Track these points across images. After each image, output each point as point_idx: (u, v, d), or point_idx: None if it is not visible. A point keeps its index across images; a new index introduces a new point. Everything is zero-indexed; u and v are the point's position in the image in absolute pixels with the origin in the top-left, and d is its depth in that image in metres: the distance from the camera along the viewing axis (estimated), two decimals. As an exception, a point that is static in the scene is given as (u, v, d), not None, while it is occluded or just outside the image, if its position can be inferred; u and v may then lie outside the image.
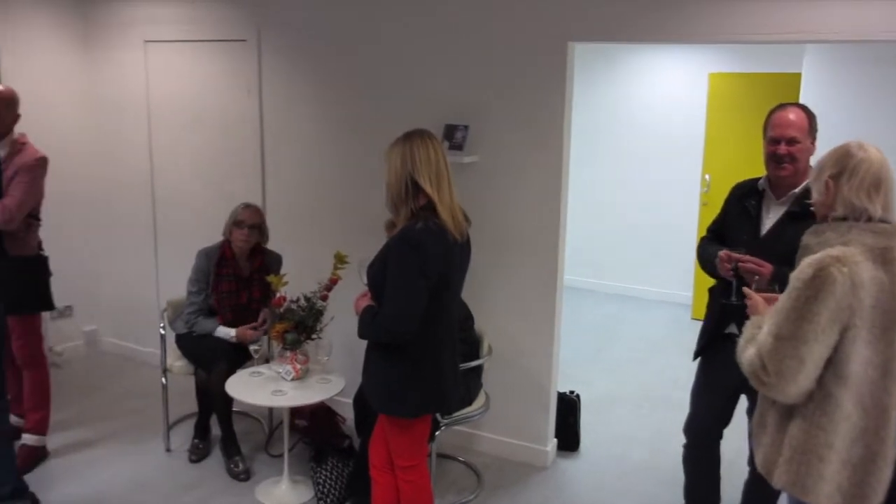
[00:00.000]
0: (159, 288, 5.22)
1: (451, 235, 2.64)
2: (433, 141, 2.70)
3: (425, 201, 2.65)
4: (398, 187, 2.67)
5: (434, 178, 2.64)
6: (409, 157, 2.64)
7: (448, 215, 2.64)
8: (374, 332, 2.73)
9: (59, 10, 5.12)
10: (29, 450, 3.88)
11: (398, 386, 2.75)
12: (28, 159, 3.65)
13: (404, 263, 2.60)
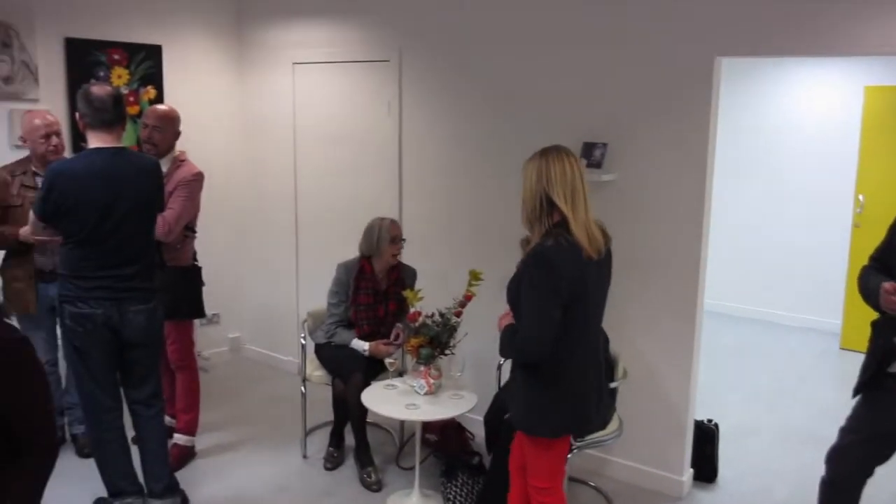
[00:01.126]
0: (299, 299, 5.44)
1: (586, 252, 2.59)
2: (569, 157, 2.67)
3: (560, 218, 2.61)
4: (532, 203, 2.65)
5: (569, 194, 2.60)
6: (544, 173, 2.63)
7: (582, 232, 2.59)
8: (511, 350, 2.73)
9: (218, 34, 5.47)
10: (180, 449, 4.11)
11: (539, 405, 2.73)
12: (186, 175, 3.90)
13: (536, 282, 2.58)
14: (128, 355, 3.36)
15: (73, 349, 3.26)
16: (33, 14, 4.56)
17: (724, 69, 3.69)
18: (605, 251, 2.72)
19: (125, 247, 3.20)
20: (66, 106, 4.73)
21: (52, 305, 3.86)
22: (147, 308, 3.30)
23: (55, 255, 3.74)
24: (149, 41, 5.09)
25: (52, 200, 3.08)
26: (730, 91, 6.42)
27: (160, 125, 3.90)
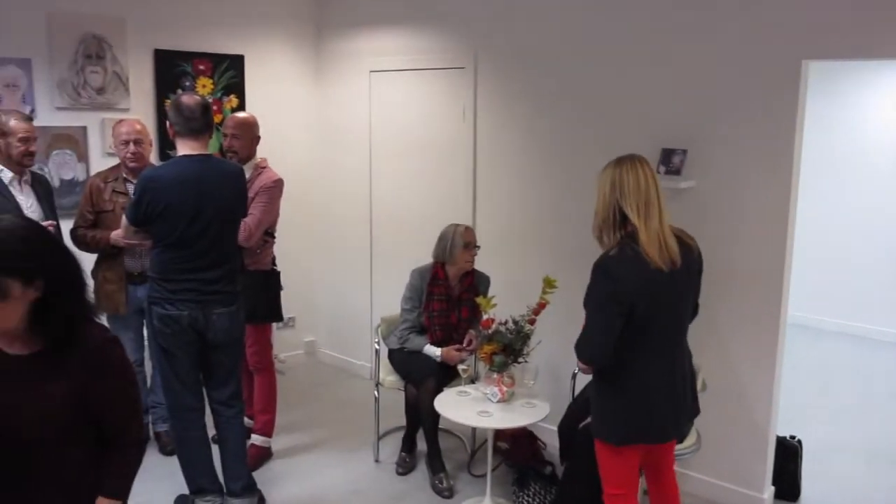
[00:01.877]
0: (373, 304, 5.50)
1: (654, 263, 2.56)
2: (644, 166, 2.64)
3: (632, 228, 2.59)
4: (605, 214, 2.65)
5: (642, 205, 2.58)
6: (617, 184, 2.61)
7: (654, 243, 2.57)
8: (577, 353, 2.78)
9: (298, 44, 5.60)
10: (257, 450, 4.21)
11: (607, 412, 2.76)
12: (267, 181, 4.00)
13: (595, 290, 2.63)
14: (211, 356, 3.46)
15: (159, 349, 3.38)
16: (125, 27, 4.76)
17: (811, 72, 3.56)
18: (684, 261, 2.67)
19: (211, 251, 3.31)
20: (154, 114, 4.92)
21: (141, 307, 4.00)
22: (230, 311, 3.40)
23: (144, 258, 3.90)
24: (232, 51, 5.25)
25: (144, 205, 3.21)
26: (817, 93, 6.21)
27: (238, 132, 4.01)
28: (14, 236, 1.77)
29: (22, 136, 3.62)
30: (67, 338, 1.88)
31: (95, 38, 4.65)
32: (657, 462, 2.97)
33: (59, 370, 1.87)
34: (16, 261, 1.75)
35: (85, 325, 1.93)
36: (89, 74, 4.66)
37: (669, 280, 2.63)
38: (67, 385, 1.87)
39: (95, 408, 1.93)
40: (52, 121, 4.53)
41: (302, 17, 5.60)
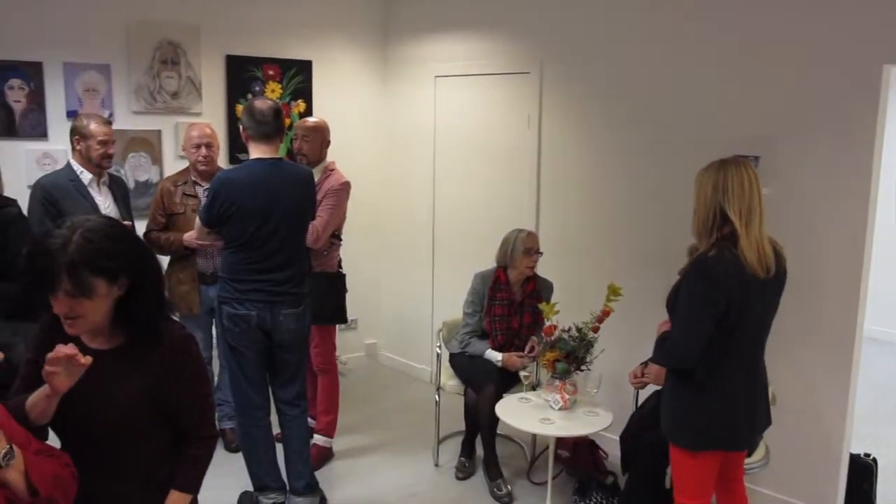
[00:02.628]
0: (434, 308, 5.52)
1: (751, 269, 2.51)
2: (749, 170, 2.58)
3: (730, 231, 2.54)
4: (705, 214, 2.59)
5: (745, 209, 2.53)
6: (720, 185, 2.56)
7: (753, 248, 2.52)
8: (660, 356, 2.75)
9: (365, 49, 5.67)
10: (319, 449, 4.26)
11: (684, 415, 2.71)
12: (334, 184, 4.05)
13: (691, 291, 2.57)
14: (277, 356, 3.53)
15: (228, 347, 3.46)
16: (199, 34, 4.90)
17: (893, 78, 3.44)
18: (777, 271, 2.63)
19: (280, 252, 3.37)
20: (225, 119, 5.05)
21: (212, 307, 4.11)
22: (297, 312, 3.46)
23: (216, 258, 4.00)
24: (301, 57, 5.35)
25: (217, 207, 3.29)
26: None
27: (309, 136, 4.08)
28: (101, 236, 1.83)
29: (101, 140, 3.75)
30: (147, 335, 1.94)
31: (171, 44, 4.80)
32: (729, 473, 2.90)
33: (138, 366, 1.94)
34: (103, 261, 1.81)
35: (164, 323, 1.99)
36: (165, 79, 4.81)
37: (762, 287, 2.60)
38: (145, 380, 1.94)
39: (170, 403, 1.99)
40: (128, 124, 4.69)
41: (369, 22, 5.67)
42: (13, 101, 4.38)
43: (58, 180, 3.72)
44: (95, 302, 1.83)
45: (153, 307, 1.95)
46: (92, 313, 1.85)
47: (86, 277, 1.78)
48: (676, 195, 3.91)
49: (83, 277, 1.78)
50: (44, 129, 4.48)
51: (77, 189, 3.71)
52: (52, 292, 1.79)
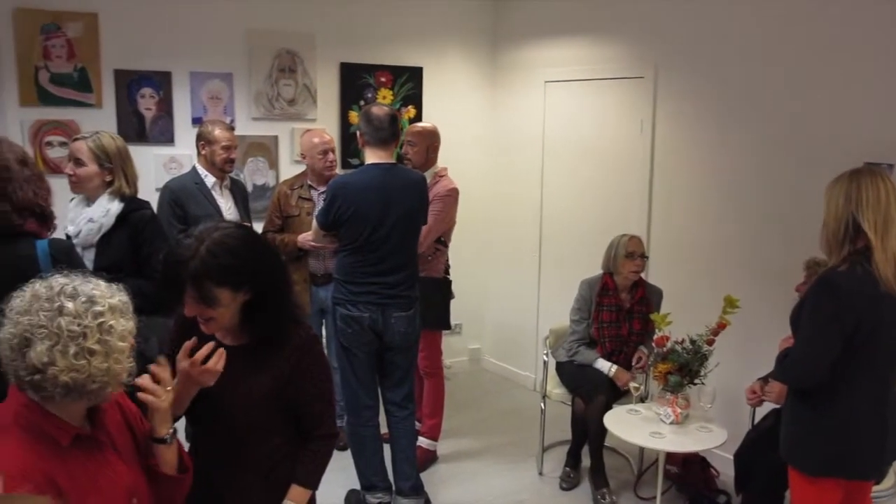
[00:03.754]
0: (539, 315, 5.48)
1: (886, 285, 2.36)
2: (886, 181, 2.43)
3: (863, 245, 2.39)
4: (836, 227, 2.45)
5: (880, 221, 2.37)
6: (853, 196, 2.41)
7: (889, 263, 2.36)
8: (781, 374, 2.63)
9: (474, 55, 5.71)
10: (423, 452, 4.29)
11: (803, 436, 2.55)
12: (442, 190, 4.08)
13: (817, 307, 2.43)
14: (387, 358, 3.59)
15: (341, 348, 3.54)
16: (315, 42, 5.06)
17: None
18: None
19: (392, 256, 3.43)
20: (338, 125, 5.19)
21: (322, 307, 4.23)
22: (407, 315, 3.51)
23: (327, 260, 4.11)
24: (412, 63, 5.43)
25: (334, 210, 3.38)
26: None
27: (414, 140, 4.13)
28: (225, 251, 1.89)
29: (225, 145, 3.92)
30: (274, 335, 2.02)
31: (289, 53, 4.97)
32: (854, 502, 2.73)
33: (266, 363, 2.02)
34: (225, 275, 1.88)
35: (291, 324, 2.06)
36: (282, 87, 4.98)
37: None
38: (272, 377, 2.01)
39: (295, 401, 2.06)
40: (248, 130, 4.88)
41: (479, 29, 5.70)
42: (144, 109, 4.65)
43: (184, 183, 3.91)
44: (219, 310, 1.92)
45: (277, 311, 2.01)
46: (220, 317, 1.94)
47: (209, 289, 1.86)
48: (801, 204, 3.74)
49: (207, 289, 1.86)
50: (171, 135, 4.73)
51: (201, 192, 3.89)
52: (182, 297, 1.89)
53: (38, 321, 1.54)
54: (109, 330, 1.58)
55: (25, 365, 1.53)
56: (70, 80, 4.44)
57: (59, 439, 1.58)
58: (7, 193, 2.12)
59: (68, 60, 4.42)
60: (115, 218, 2.86)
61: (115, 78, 4.55)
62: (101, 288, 1.63)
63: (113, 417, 1.77)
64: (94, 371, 1.55)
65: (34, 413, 1.57)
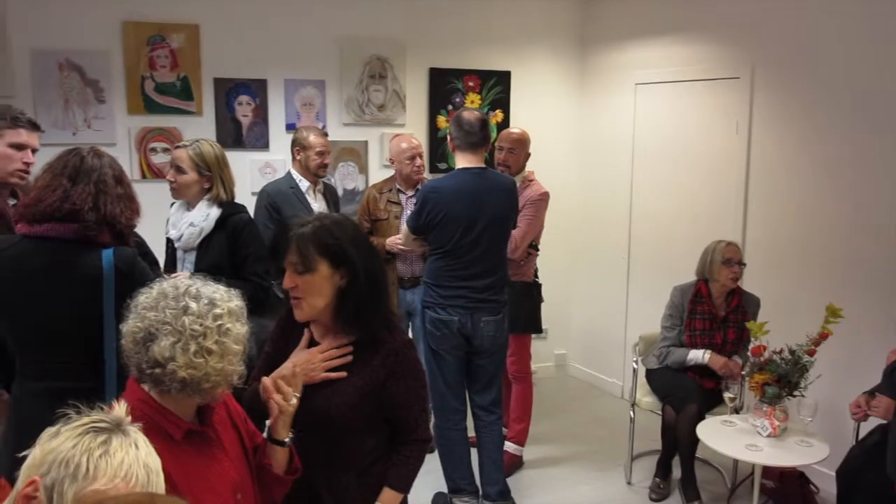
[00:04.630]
0: (628, 321, 5.38)
1: None
2: None
3: None
4: None
5: None
6: None
7: None
8: (890, 388, 2.56)
9: (563, 58, 5.66)
10: (509, 457, 4.27)
11: None
12: (533, 194, 4.07)
13: None
14: (475, 362, 3.60)
15: (430, 351, 3.58)
16: (405, 48, 5.13)
17: None
18: None
19: (482, 260, 3.45)
20: (426, 129, 5.24)
21: (408, 310, 4.28)
22: (496, 319, 3.52)
23: (414, 264, 4.16)
24: (500, 68, 5.43)
25: (424, 214, 3.42)
26: None
27: (514, 147, 4.13)
28: (332, 222, 2.04)
29: (319, 150, 4.02)
30: (367, 330, 2.06)
31: (379, 59, 5.06)
32: None
33: (362, 365, 2.05)
34: (328, 239, 1.99)
35: (387, 328, 2.10)
36: (372, 93, 5.07)
37: None
38: (368, 379, 2.05)
39: (389, 404, 2.09)
40: (339, 136, 4.99)
41: (567, 32, 5.65)
42: (241, 116, 4.81)
43: (280, 187, 4.03)
44: (317, 281, 1.98)
45: (370, 304, 2.04)
46: (314, 294, 1.99)
47: (311, 252, 1.96)
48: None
49: (308, 252, 1.96)
50: (266, 141, 4.88)
51: (296, 196, 4.00)
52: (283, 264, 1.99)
53: (164, 318, 1.62)
54: (226, 332, 1.65)
55: (147, 358, 1.61)
56: (173, 88, 4.64)
57: (172, 433, 1.66)
58: (97, 205, 2.22)
59: (172, 70, 4.62)
60: (215, 222, 2.97)
61: (214, 86, 4.73)
62: (220, 292, 1.71)
63: (220, 416, 1.84)
64: (210, 370, 1.62)
65: (150, 407, 1.65)
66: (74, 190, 2.21)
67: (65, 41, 4.42)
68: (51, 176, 2.25)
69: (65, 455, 1.22)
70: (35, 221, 2.21)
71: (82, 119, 4.50)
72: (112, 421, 1.29)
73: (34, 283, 2.20)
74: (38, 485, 1.21)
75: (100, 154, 2.33)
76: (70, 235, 2.20)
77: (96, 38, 4.48)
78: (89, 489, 1.20)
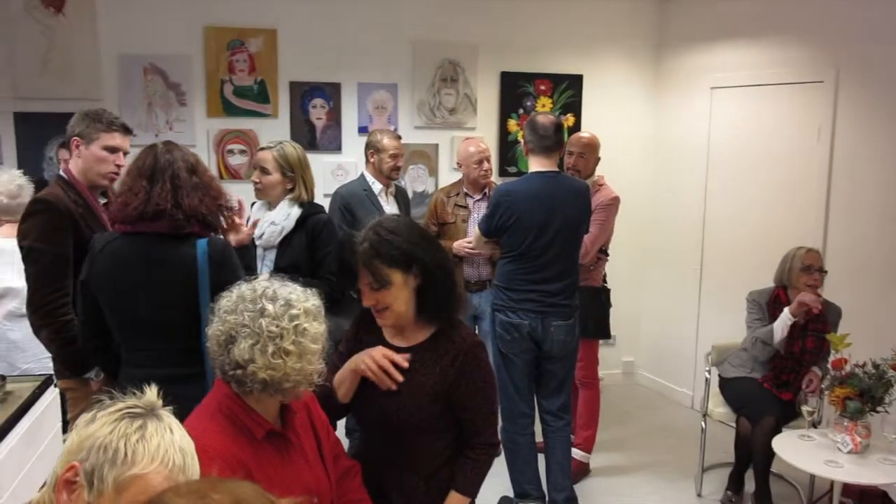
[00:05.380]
0: (699, 329, 5.27)
1: None
2: None
3: None
4: None
5: None
6: None
7: None
8: None
9: (636, 61, 5.59)
10: (576, 463, 4.22)
11: None
12: (604, 199, 4.03)
13: None
14: (545, 366, 3.58)
15: (499, 354, 3.57)
16: (477, 52, 5.15)
17: None
18: None
19: (554, 264, 3.43)
20: (496, 133, 5.24)
21: (474, 314, 4.28)
22: (567, 324, 3.49)
23: (481, 267, 4.17)
24: (572, 71, 5.39)
25: (497, 217, 3.42)
26: None
27: (584, 152, 4.09)
28: (386, 230, 2.02)
29: (392, 153, 4.06)
30: (442, 320, 2.08)
31: (451, 63, 5.09)
32: None
33: (433, 366, 2.06)
34: (391, 250, 1.98)
35: (457, 328, 2.11)
36: (444, 96, 5.10)
37: None
38: (438, 381, 2.05)
39: (458, 406, 2.08)
40: (409, 139, 5.03)
41: (642, 34, 5.57)
42: (315, 119, 4.90)
43: (353, 189, 4.09)
44: (394, 292, 1.99)
45: (448, 290, 2.06)
46: (395, 303, 2.01)
47: (380, 269, 1.97)
48: None
49: (378, 269, 1.97)
50: (339, 144, 4.96)
51: (369, 198, 4.04)
52: (360, 287, 2.00)
53: (242, 321, 1.66)
54: (303, 332, 1.68)
55: (229, 360, 1.66)
56: (250, 92, 4.77)
57: (254, 432, 1.70)
58: (178, 201, 2.30)
59: (249, 74, 4.74)
60: (295, 221, 3.04)
61: (290, 89, 4.83)
62: (297, 292, 1.74)
63: (302, 420, 1.88)
64: (289, 370, 1.65)
65: (235, 404, 1.70)
66: (154, 190, 2.29)
67: (150, 46, 4.59)
68: (131, 179, 2.35)
69: (102, 440, 1.25)
70: (127, 223, 2.31)
71: (164, 121, 4.66)
72: (146, 406, 1.32)
73: (133, 276, 2.30)
74: (78, 470, 1.25)
75: (170, 148, 2.39)
76: (163, 230, 2.29)
77: (179, 43, 4.63)
78: (128, 473, 1.23)
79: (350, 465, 2.08)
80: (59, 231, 2.54)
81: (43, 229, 2.54)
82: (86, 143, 2.67)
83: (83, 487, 1.24)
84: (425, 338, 2.09)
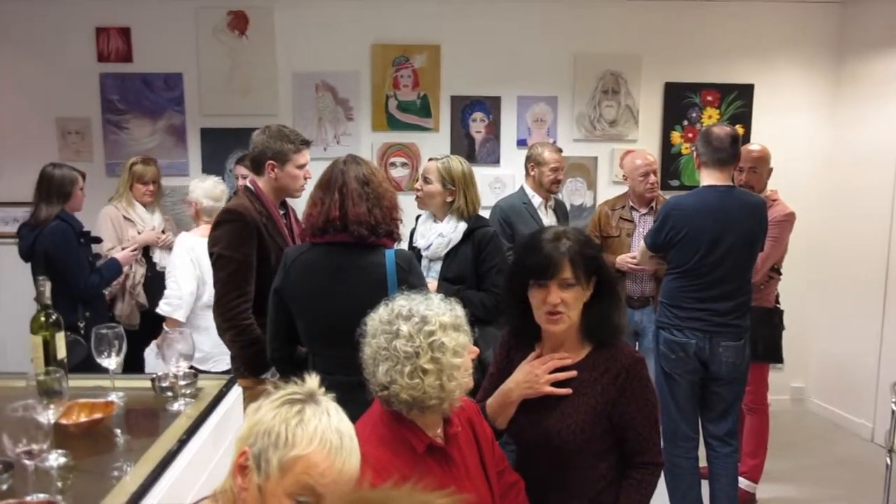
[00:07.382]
0: (882, 355, 4.85)
1: None
2: None
3: None
4: None
5: None
6: None
7: None
8: None
9: (814, 69, 5.26)
10: (742, 493, 3.99)
11: None
12: (777, 215, 3.80)
13: None
14: (711, 388, 3.41)
15: (662, 373, 3.44)
16: (640, 63, 5.03)
17: None
18: None
19: (724, 282, 3.27)
20: (659, 145, 5.09)
21: (636, 331, 4.16)
22: (737, 345, 3.32)
23: (645, 283, 4.05)
24: (742, 81, 5.15)
25: (665, 232, 3.32)
26: None
27: (756, 166, 3.89)
28: (577, 231, 2.06)
29: (553, 167, 4.04)
30: (600, 352, 2.03)
31: (613, 74, 5.01)
32: None
33: (594, 383, 2.01)
34: (589, 251, 2.00)
35: (616, 344, 2.05)
36: (604, 108, 5.02)
37: None
38: (598, 398, 1.99)
39: (621, 425, 2.02)
40: (568, 151, 4.96)
41: (820, 41, 5.22)
42: (475, 132, 4.97)
43: (513, 203, 4.10)
44: (579, 293, 1.98)
45: (613, 312, 2.03)
46: (573, 307, 1.98)
47: (581, 266, 1.96)
48: None
49: (580, 266, 1.96)
50: (497, 157, 5.01)
51: (528, 211, 4.04)
52: (549, 280, 1.96)
53: (381, 343, 1.73)
54: (441, 347, 1.70)
55: (376, 381, 1.73)
56: (413, 106, 4.91)
57: (415, 446, 1.73)
58: (345, 210, 2.39)
59: (413, 89, 4.89)
60: (462, 234, 3.09)
61: (451, 103, 4.93)
62: (434, 307, 1.76)
63: (466, 436, 1.89)
64: (428, 388, 1.69)
65: (399, 419, 1.75)
66: (327, 202, 2.41)
67: (321, 64, 4.84)
68: (314, 192, 2.50)
69: (266, 426, 1.35)
70: (315, 234, 2.44)
71: (332, 135, 4.89)
72: (305, 393, 1.41)
73: (323, 284, 2.42)
74: (248, 455, 1.35)
75: (347, 161, 2.50)
76: (351, 240, 2.40)
77: (348, 61, 4.85)
78: (290, 455, 1.32)
79: (514, 479, 2.06)
80: (246, 241, 2.72)
81: (231, 238, 2.73)
82: (280, 165, 2.85)
83: (253, 470, 1.34)
84: (584, 355, 2.05)
